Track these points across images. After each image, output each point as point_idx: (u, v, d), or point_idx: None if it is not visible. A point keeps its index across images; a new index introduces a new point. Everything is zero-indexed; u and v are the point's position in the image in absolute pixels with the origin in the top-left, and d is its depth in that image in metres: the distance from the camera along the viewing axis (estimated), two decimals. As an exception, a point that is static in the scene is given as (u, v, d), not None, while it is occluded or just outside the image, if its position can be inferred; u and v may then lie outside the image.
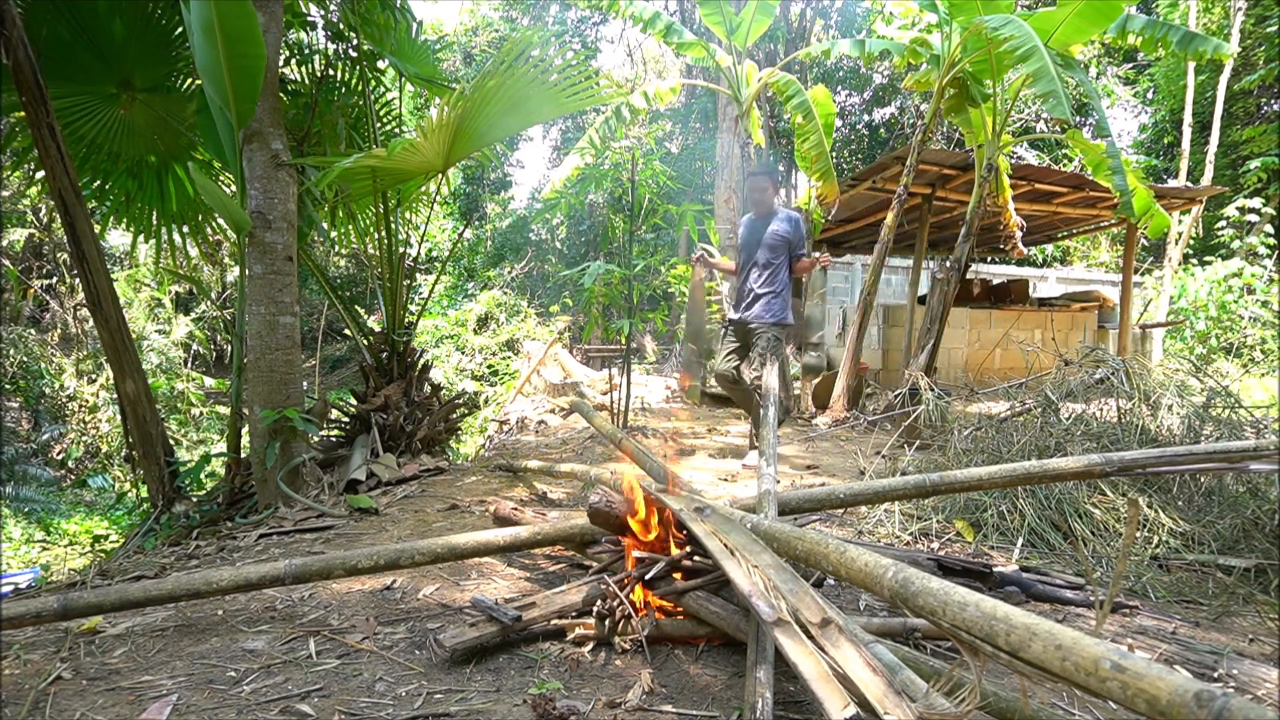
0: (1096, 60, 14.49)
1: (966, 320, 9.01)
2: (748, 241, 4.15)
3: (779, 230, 4.04)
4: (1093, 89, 5.16)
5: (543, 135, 20.80)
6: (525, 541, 2.18)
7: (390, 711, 1.47)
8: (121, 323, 3.41)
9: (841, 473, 4.15)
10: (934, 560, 2.11)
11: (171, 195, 4.37)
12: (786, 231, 4.04)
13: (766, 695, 1.34)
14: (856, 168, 14.99)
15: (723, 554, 1.49)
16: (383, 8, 4.33)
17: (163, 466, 3.51)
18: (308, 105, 4.32)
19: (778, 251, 4.05)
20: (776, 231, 4.04)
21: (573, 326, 13.15)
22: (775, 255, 4.05)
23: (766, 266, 4.06)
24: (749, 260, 4.11)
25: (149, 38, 3.84)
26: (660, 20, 6.16)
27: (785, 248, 4.06)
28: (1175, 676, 0.83)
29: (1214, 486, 2.77)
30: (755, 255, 4.06)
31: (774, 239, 4.03)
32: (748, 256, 4.12)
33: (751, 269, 4.09)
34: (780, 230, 4.03)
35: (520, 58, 3.55)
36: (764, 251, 4.04)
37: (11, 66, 3.02)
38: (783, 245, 4.05)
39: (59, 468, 8.99)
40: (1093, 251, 16.74)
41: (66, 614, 1.80)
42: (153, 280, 10.25)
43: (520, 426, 6.98)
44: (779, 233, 4.03)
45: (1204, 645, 1.84)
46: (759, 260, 4.06)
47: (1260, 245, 12.98)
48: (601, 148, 6.06)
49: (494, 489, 3.67)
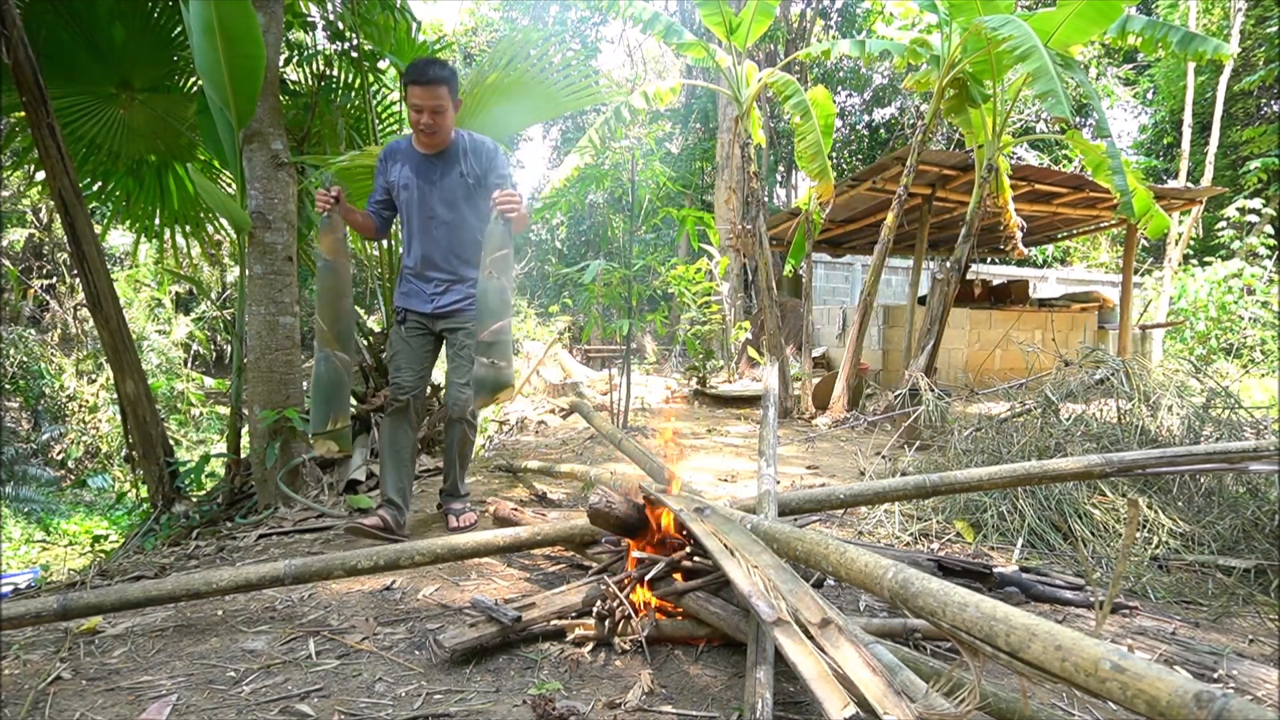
0: (1096, 60, 14.50)
1: (966, 321, 9.01)
2: (422, 188, 2.66)
3: (470, 166, 2.67)
4: (1093, 89, 5.16)
5: (543, 135, 20.82)
6: (525, 542, 2.18)
7: (390, 712, 1.47)
8: (121, 323, 3.41)
9: (841, 473, 4.15)
10: (934, 561, 2.11)
11: (172, 195, 4.37)
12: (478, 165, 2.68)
13: (766, 695, 1.34)
14: (856, 168, 15.00)
15: (723, 554, 1.49)
16: (383, 8, 4.33)
17: (163, 466, 3.51)
18: (308, 105, 4.32)
19: (470, 198, 2.68)
20: (464, 171, 2.66)
21: (572, 326, 13.15)
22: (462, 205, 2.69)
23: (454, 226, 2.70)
24: (426, 216, 2.67)
25: (149, 38, 3.83)
26: (660, 20, 6.15)
27: (479, 189, 2.67)
28: (1175, 677, 0.83)
29: (1214, 487, 2.77)
30: (433, 208, 2.65)
31: (459, 182, 2.66)
32: (423, 214, 2.67)
33: (432, 226, 2.68)
34: (472, 165, 2.67)
35: (516, 58, 3.55)
36: (442, 205, 2.67)
37: (11, 66, 3.02)
38: (476, 187, 2.67)
39: (59, 468, 8.98)
40: (1093, 252, 16.76)
41: (66, 614, 1.80)
42: (153, 280, 10.25)
43: (520, 427, 6.97)
44: (468, 171, 2.67)
45: (1204, 646, 1.84)
46: (438, 216, 2.66)
47: (1260, 246, 12.99)
48: (601, 148, 6.06)
49: (494, 489, 3.66)
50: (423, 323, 2.80)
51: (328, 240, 2.48)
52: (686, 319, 8.32)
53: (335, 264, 2.49)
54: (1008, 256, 12.74)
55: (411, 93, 2.54)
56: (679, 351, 11.68)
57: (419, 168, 2.69)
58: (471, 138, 2.73)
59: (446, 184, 2.68)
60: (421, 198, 2.69)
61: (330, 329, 2.47)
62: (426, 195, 2.69)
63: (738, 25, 5.77)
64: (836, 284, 13.57)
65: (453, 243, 2.73)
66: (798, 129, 5.85)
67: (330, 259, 2.48)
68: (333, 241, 2.49)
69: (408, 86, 2.55)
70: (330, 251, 2.48)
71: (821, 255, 12.26)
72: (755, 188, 6.36)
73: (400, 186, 2.70)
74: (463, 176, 2.69)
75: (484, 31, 17.71)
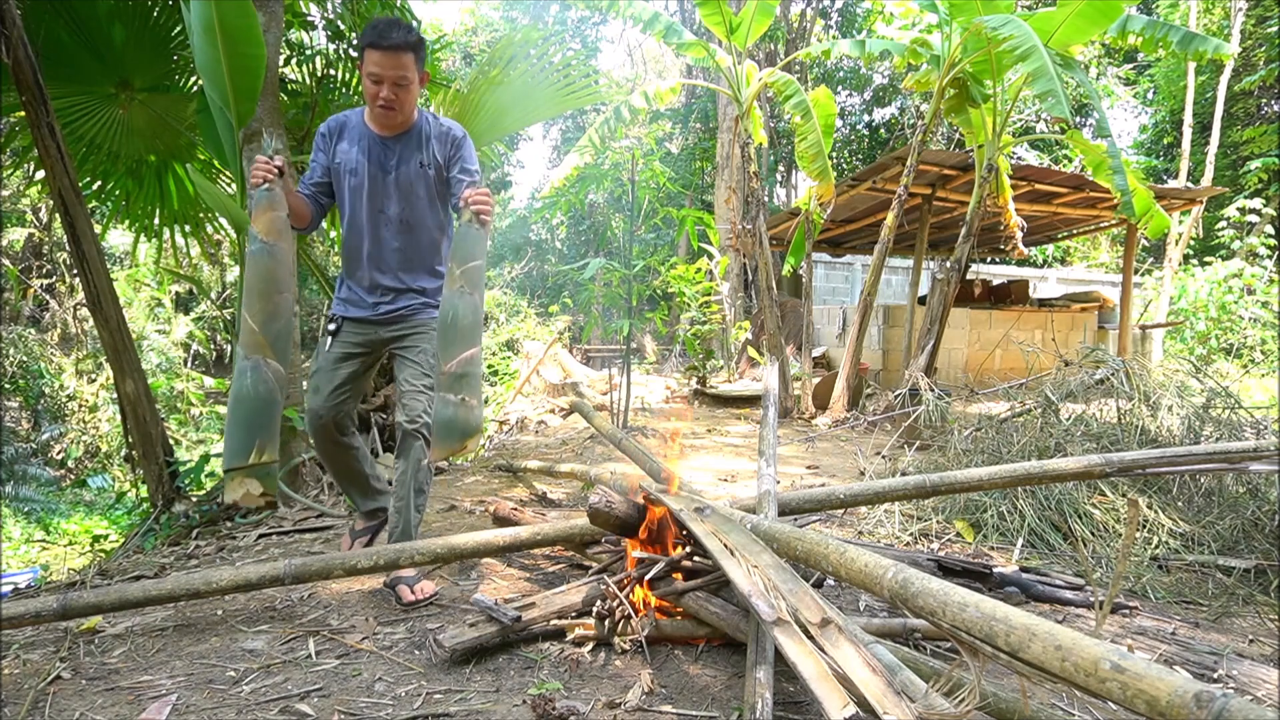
0: (1097, 60, 14.49)
1: (966, 321, 9.01)
2: (374, 176, 2.24)
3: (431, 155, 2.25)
4: (1093, 89, 5.16)
5: (543, 135, 20.83)
6: (525, 542, 2.18)
7: (390, 711, 1.47)
8: (121, 323, 3.41)
9: (841, 473, 4.15)
10: (934, 561, 2.11)
11: (172, 195, 4.37)
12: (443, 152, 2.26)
13: (766, 695, 1.34)
14: (857, 168, 15.01)
15: (723, 554, 1.49)
16: (382, 8, 4.34)
17: (163, 466, 3.51)
18: (308, 105, 4.32)
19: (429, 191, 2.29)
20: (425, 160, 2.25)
21: (573, 326, 13.15)
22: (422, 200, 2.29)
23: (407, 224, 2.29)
24: (376, 210, 2.26)
25: (149, 38, 3.83)
26: (660, 20, 6.15)
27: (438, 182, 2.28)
28: (1175, 677, 0.83)
29: (1214, 487, 2.77)
30: (385, 202, 2.26)
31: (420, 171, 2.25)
32: (372, 207, 2.26)
33: (381, 223, 2.27)
34: (435, 154, 2.25)
35: (516, 58, 3.55)
36: (396, 199, 2.26)
37: (11, 66, 3.02)
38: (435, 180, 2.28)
39: (59, 468, 8.98)
40: (1093, 252, 16.75)
41: (66, 614, 1.80)
42: (153, 280, 10.25)
43: (520, 426, 6.98)
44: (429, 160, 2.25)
45: (1204, 646, 1.84)
46: (390, 212, 2.26)
47: (1260, 246, 12.99)
48: (601, 147, 6.06)
49: (494, 489, 3.67)
50: (360, 334, 2.31)
51: (265, 219, 1.98)
52: (686, 319, 8.32)
53: (274, 248, 1.97)
54: (1008, 256, 12.75)
55: (369, 58, 2.08)
56: (679, 351, 11.68)
57: (372, 150, 2.22)
58: (437, 121, 2.29)
59: (403, 173, 2.23)
60: (372, 188, 2.23)
61: (262, 330, 1.91)
62: (378, 185, 2.23)
63: (738, 25, 5.77)
64: (836, 284, 13.57)
65: (405, 245, 2.28)
66: (799, 129, 5.85)
67: (267, 241, 1.96)
68: (271, 220, 1.98)
69: (365, 50, 2.09)
70: (268, 232, 1.96)
71: (821, 255, 12.25)
72: (755, 188, 6.36)
73: (347, 170, 2.23)
74: (423, 167, 2.24)
75: (484, 31, 17.71)
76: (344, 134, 2.26)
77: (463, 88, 3.49)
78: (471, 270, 1.92)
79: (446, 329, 1.92)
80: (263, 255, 1.95)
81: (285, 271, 1.97)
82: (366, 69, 2.10)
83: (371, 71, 2.09)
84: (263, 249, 1.95)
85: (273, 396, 1.90)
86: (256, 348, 1.90)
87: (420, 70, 2.17)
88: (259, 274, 1.95)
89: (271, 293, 1.94)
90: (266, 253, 1.95)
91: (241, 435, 1.85)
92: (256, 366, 1.88)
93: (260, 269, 1.95)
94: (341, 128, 2.27)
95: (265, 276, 1.95)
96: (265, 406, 1.89)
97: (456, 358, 1.89)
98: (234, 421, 1.87)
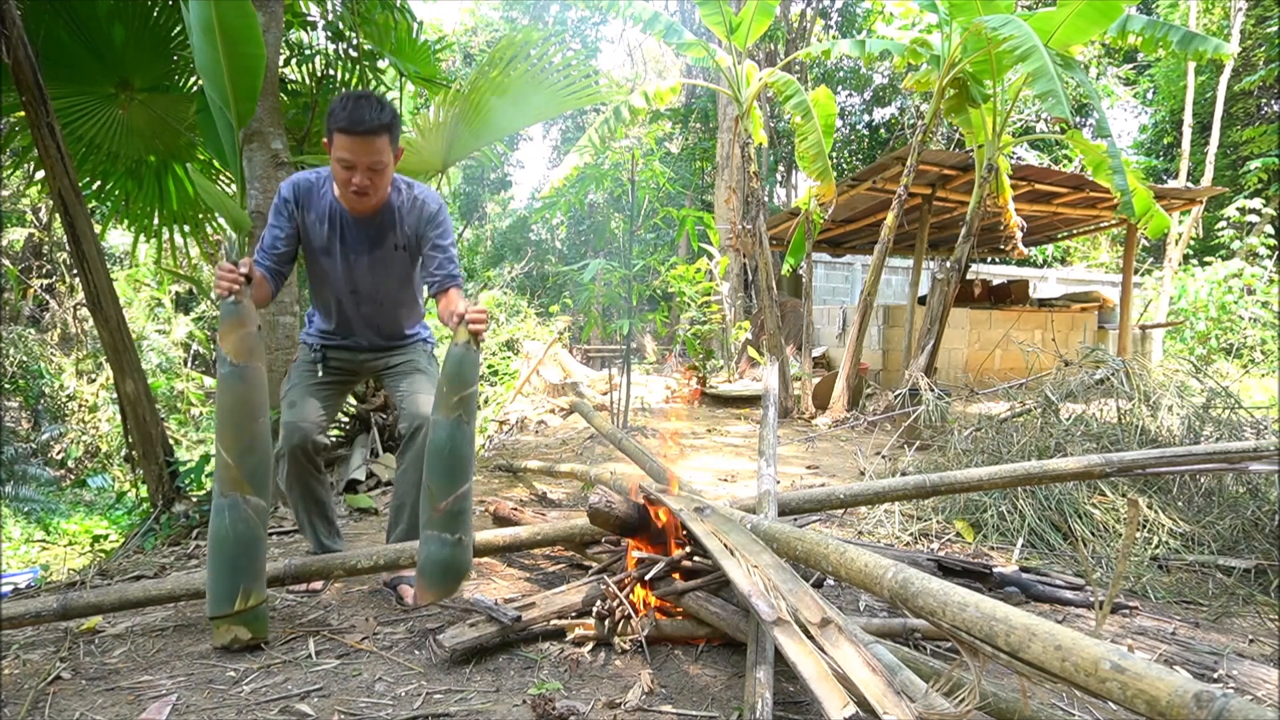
0: (1096, 60, 14.49)
1: (966, 321, 9.01)
2: (346, 257, 2.15)
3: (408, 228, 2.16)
4: (1093, 89, 5.16)
5: (543, 135, 20.83)
6: (525, 541, 2.18)
7: (390, 711, 1.47)
8: (121, 323, 3.41)
9: (841, 473, 4.16)
10: (934, 561, 2.11)
11: (171, 195, 4.37)
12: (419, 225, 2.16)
13: (766, 695, 1.34)
14: (857, 168, 15.00)
15: (723, 554, 1.49)
16: (383, 7, 4.34)
17: (163, 466, 3.51)
18: (308, 105, 4.33)
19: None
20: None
21: (572, 326, 13.15)
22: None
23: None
24: (349, 290, 2.18)
25: (149, 38, 3.83)
26: (660, 20, 6.15)
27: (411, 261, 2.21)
28: (1175, 677, 0.83)
29: (1214, 487, 2.77)
30: (357, 282, 2.17)
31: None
32: (346, 286, 2.18)
33: (356, 301, 2.21)
34: (409, 233, 2.16)
35: (516, 58, 3.54)
36: (369, 280, 2.18)
37: (11, 66, 3.02)
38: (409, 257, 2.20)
39: (59, 468, 8.98)
40: (1093, 252, 16.75)
41: (66, 614, 1.80)
42: (153, 280, 10.25)
43: (520, 426, 6.98)
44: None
45: (1204, 646, 1.84)
46: (363, 291, 2.19)
47: (1260, 246, 12.99)
48: (601, 147, 6.06)
49: (494, 489, 3.67)
50: (345, 360, 2.24)
51: (234, 337, 1.73)
52: (686, 319, 8.32)
53: (245, 370, 1.74)
54: (1008, 256, 12.75)
55: (340, 143, 1.90)
56: (679, 351, 11.68)
57: (345, 232, 2.10)
58: (410, 193, 2.13)
59: (378, 256, 2.13)
60: (346, 269, 2.12)
61: (237, 464, 1.72)
62: (352, 266, 2.12)
63: (738, 25, 5.77)
64: (836, 284, 13.57)
65: (377, 316, 2.22)
66: (799, 129, 5.85)
67: (237, 364, 1.72)
68: (241, 339, 1.73)
69: (334, 134, 1.90)
70: (238, 353, 1.72)
71: (821, 255, 12.25)
72: (755, 188, 6.36)
73: (318, 248, 2.11)
74: (397, 249, 2.14)
75: (484, 31, 17.72)
76: (312, 205, 2.09)
77: (463, 88, 3.49)
78: (469, 397, 1.80)
79: (444, 459, 1.78)
80: (234, 380, 1.73)
81: (259, 396, 1.77)
82: (336, 154, 1.92)
83: (342, 157, 1.92)
84: (233, 373, 1.73)
85: (254, 535, 1.74)
86: (233, 484, 1.72)
87: (395, 148, 2.00)
88: (231, 401, 1.75)
89: (245, 422, 1.74)
90: (238, 377, 1.73)
91: (224, 580, 1.71)
92: (234, 505, 1.72)
93: (232, 396, 1.74)
94: (308, 198, 2.09)
95: (238, 404, 1.74)
96: (247, 547, 1.73)
97: (453, 494, 1.77)
98: (215, 565, 1.73)
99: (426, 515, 1.79)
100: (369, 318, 2.21)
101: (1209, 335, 12.09)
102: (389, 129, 1.94)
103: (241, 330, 1.72)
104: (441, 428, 1.78)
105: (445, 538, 1.77)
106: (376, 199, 2.04)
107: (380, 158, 1.94)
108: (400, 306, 2.25)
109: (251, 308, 1.74)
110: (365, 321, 2.22)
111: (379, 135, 1.91)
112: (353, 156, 1.91)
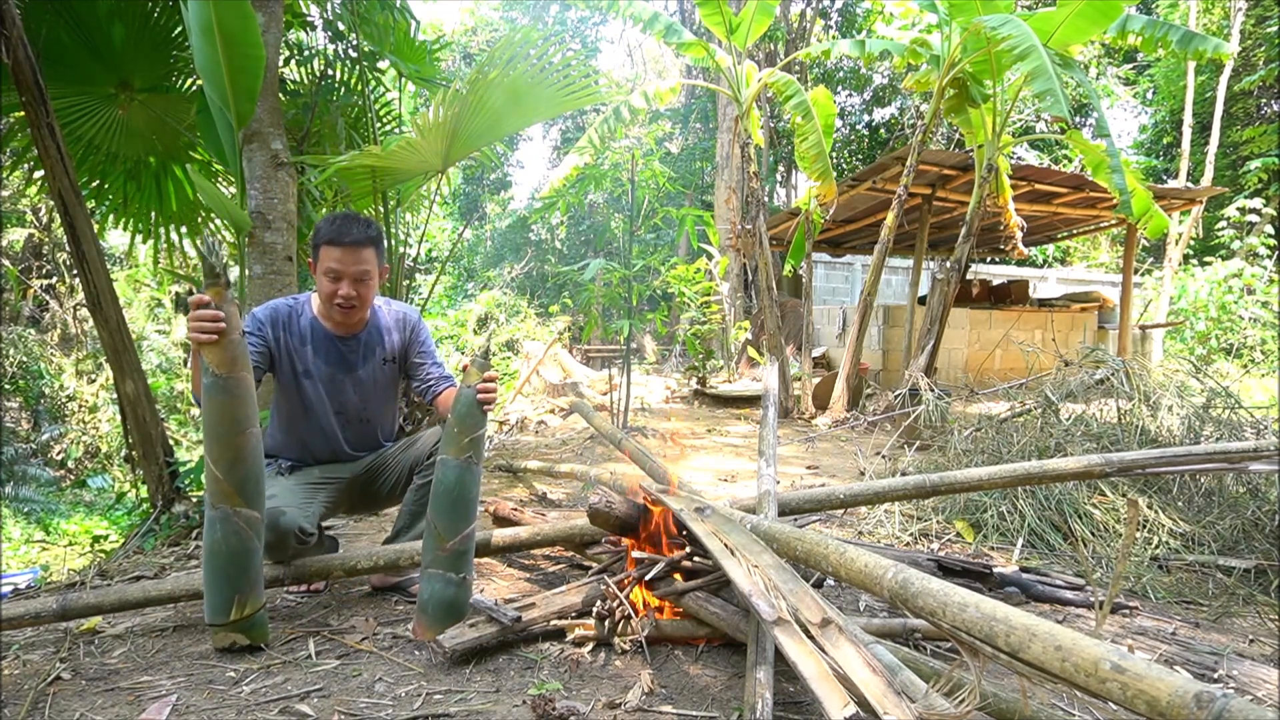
0: (1096, 60, 14.49)
1: (966, 321, 9.01)
2: (333, 378, 2.16)
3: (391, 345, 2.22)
4: (1092, 89, 5.16)
5: (543, 135, 20.84)
6: (525, 542, 2.18)
7: (390, 712, 1.47)
8: (121, 323, 3.41)
9: (841, 473, 4.16)
10: (934, 561, 2.11)
11: (171, 196, 4.36)
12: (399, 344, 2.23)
13: (766, 695, 1.34)
14: (856, 168, 15.01)
15: (723, 554, 1.49)
16: (382, 8, 4.33)
17: (163, 466, 3.50)
18: (308, 105, 4.32)
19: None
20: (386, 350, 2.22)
21: (572, 326, 13.16)
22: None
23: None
24: (335, 411, 2.19)
25: (148, 38, 3.83)
26: (660, 20, 6.15)
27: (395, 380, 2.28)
28: (1175, 677, 0.83)
29: (1214, 487, 2.77)
30: (345, 403, 2.19)
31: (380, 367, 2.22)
32: (333, 407, 2.18)
33: (341, 423, 2.21)
34: (394, 346, 2.22)
35: (516, 58, 3.54)
36: (357, 398, 2.20)
37: (11, 66, 3.02)
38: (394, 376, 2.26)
39: (59, 468, 8.98)
40: (1093, 252, 16.76)
41: (66, 614, 1.80)
42: (153, 280, 10.25)
43: (520, 426, 6.98)
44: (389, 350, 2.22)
45: (1204, 646, 1.84)
46: (349, 411, 2.21)
47: (1260, 246, 12.99)
48: (601, 147, 6.06)
49: (494, 489, 3.67)
50: (327, 469, 2.19)
51: (216, 347, 1.63)
52: (686, 319, 8.33)
53: (229, 381, 1.65)
54: (1008, 256, 12.74)
55: (327, 255, 1.94)
56: (679, 351, 11.68)
57: (330, 353, 2.10)
58: (390, 309, 2.21)
59: (367, 372, 2.14)
60: (331, 389, 2.12)
61: (227, 477, 1.67)
62: (340, 387, 2.12)
63: (738, 25, 5.77)
64: (836, 284, 13.58)
65: (365, 435, 2.23)
66: (799, 130, 5.85)
67: (220, 374, 1.64)
68: (224, 348, 1.63)
69: (321, 247, 1.96)
70: (221, 364, 1.64)
71: (821, 255, 12.25)
72: (755, 188, 6.36)
73: (299, 374, 2.08)
74: (386, 363, 2.17)
75: (484, 31, 17.74)
76: (291, 330, 2.08)
77: (462, 88, 3.49)
78: (479, 440, 1.81)
79: (452, 499, 1.78)
80: (218, 392, 1.65)
81: (246, 408, 1.69)
82: (323, 266, 1.97)
83: (330, 268, 1.97)
84: (216, 384, 1.64)
85: (246, 546, 1.71)
86: (223, 497, 1.68)
87: (381, 262, 2.05)
88: (217, 414, 1.67)
89: (233, 434, 1.67)
90: (222, 388, 1.65)
91: (220, 591, 1.71)
92: (226, 517, 1.68)
93: (217, 408, 1.66)
94: (286, 326, 2.07)
95: (223, 416, 1.67)
96: (239, 558, 1.70)
97: (460, 534, 1.78)
98: (209, 576, 1.72)
99: (432, 554, 1.79)
100: (353, 440, 2.22)
101: (1209, 335, 12.09)
102: (375, 243, 2.00)
103: (224, 339, 1.64)
104: (450, 468, 1.79)
105: (450, 577, 1.78)
106: (363, 313, 2.09)
107: (367, 268, 2.00)
108: (385, 420, 2.28)
109: (235, 314, 1.66)
110: (350, 444, 2.21)
111: (365, 247, 1.98)
112: (340, 267, 1.97)
